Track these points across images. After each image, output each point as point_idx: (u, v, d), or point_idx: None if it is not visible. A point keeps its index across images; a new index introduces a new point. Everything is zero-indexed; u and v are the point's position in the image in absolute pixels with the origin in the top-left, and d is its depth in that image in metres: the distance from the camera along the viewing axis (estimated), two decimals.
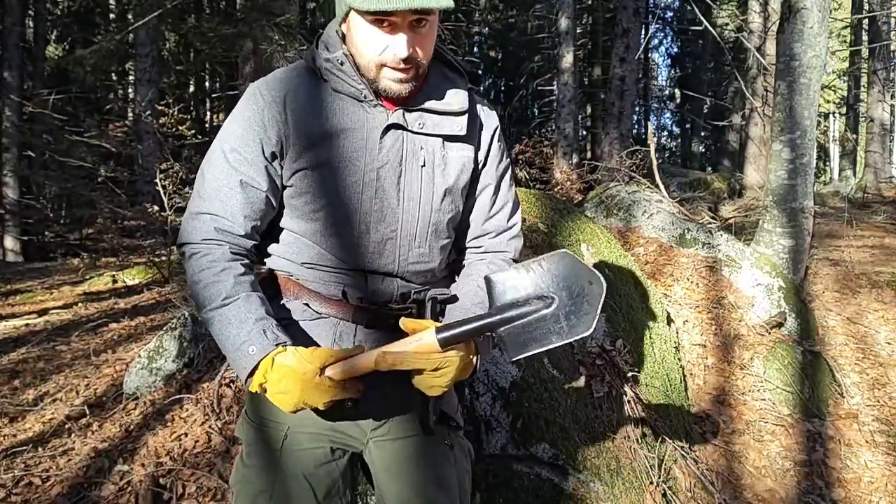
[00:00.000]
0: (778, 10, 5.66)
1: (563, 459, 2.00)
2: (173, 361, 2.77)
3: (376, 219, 1.10)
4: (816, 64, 3.58)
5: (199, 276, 1.05)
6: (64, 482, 2.06)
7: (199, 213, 1.08)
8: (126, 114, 12.08)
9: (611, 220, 4.10)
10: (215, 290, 1.03)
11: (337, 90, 1.09)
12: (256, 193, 1.08)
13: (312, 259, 1.13)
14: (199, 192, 1.10)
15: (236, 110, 1.12)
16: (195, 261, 1.06)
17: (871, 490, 2.57)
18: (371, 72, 1.05)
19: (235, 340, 1.00)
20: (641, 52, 11.39)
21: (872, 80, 11.58)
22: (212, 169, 1.10)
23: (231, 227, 1.08)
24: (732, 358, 3.16)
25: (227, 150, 1.09)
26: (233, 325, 1.01)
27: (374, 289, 1.13)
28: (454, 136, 1.15)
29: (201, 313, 1.06)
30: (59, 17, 12.84)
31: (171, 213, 5.44)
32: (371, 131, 1.08)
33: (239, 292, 1.04)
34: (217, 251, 1.06)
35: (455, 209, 1.19)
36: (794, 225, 3.69)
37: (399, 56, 1.01)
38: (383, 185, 1.10)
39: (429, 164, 1.13)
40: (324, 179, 1.08)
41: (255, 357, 0.99)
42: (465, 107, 1.14)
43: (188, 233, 1.09)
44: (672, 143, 27.13)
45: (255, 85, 1.12)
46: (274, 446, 1.13)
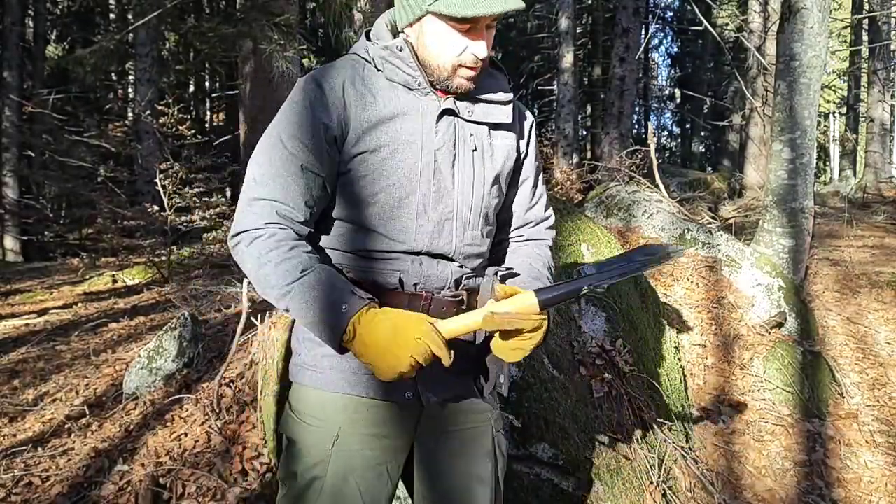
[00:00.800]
0: (778, 10, 5.66)
1: (563, 459, 2.00)
2: (173, 361, 2.77)
3: (434, 199, 1.13)
4: (816, 64, 3.58)
5: (269, 257, 1.03)
6: (64, 482, 2.06)
7: (259, 198, 1.07)
8: (126, 114, 12.08)
9: (611, 220, 4.10)
10: (290, 265, 1.02)
11: (390, 79, 1.13)
12: (316, 179, 1.09)
13: (368, 246, 1.14)
14: (255, 179, 1.09)
15: (292, 99, 1.12)
16: (260, 243, 1.04)
17: (871, 490, 2.57)
18: (445, 72, 1.10)
19: (324, 303, 1.00)
20: (641, 52, 11.39)
21: (872, 80, 11.58)
22: (269, 156, 1.09)
23: (292, 213, 1.07)
24: (732, 358, 3.16)
25: (284, 137, 1.09)
26: (317, 289, 1.01)
27: (429, 273, 1.14)
28: (500, 125, 1.21)
29: (276, 291, 1.04)
30: (59, 17, 12.84)
31: (171, 213, 5.44)
32: (426, 116, 1.12)
33: (315, 263, 1.04)
34: (281, 232, 1.06)
35: (500, 196, 1.25)
36: (794, 225, 3.69)
37: (480, 57, 1.08)
38: (440, 168, 1.13)
39: (479, 150, 1.18)
40: (383, 162, 1.10)
41: (349, 313, 0.98)
42: (510, 97, 1.21)
43: (247, 219, 1.07)
44: (672, 143, 27.13)
45: (310, 75, 1.14)
46: (325, 446, 1.12)
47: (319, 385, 1.14)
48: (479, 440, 1.22)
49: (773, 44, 7.41)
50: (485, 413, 1.24)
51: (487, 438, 1.23)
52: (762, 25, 9.96)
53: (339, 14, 6.73)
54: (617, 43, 10.51)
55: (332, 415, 1.13)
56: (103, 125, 9.55)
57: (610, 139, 10.41)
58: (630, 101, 10.58)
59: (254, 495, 2.06)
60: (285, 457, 1.17)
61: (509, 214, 1.32)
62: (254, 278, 1.07)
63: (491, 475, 1.21)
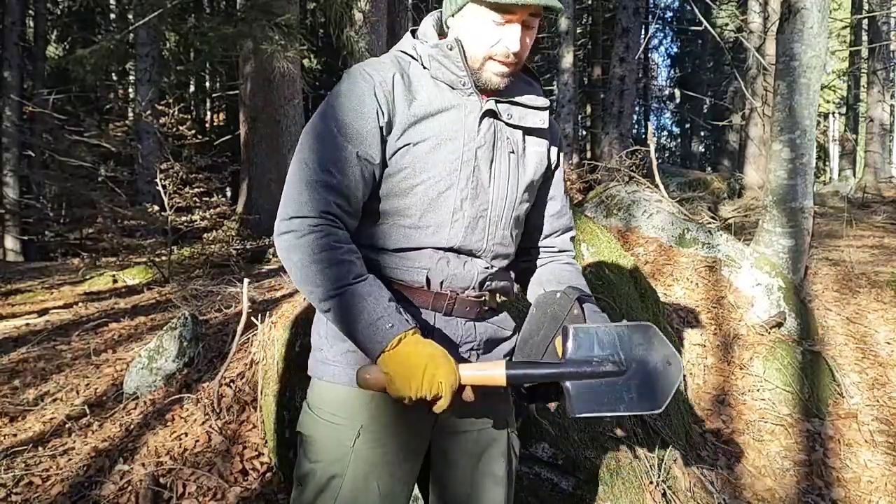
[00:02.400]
0: (778, 10, 5.66)
1: (563, 459, 2.00)
2: (173, 361, 2.77)
3: (472, 196, 1.15)
4: (816, 64, 3.58)
5: (322, 256, 1.03)
6: (64, 482, 2.06)
7: (316, 181, 1.06)
8: (126, 114, 12.08)
9: (611, 220, 4.10)
10: (343, 269, 1.03)
11: (436, 77, 1.14)
12: (369, 168, 1.10)
13: (399, 242, 1.14)
14: (306, 163, 1.07)
15: (343, 89, 1.12)
16: (314, 239, 1.03)
17: (871, 490, 2.57)
18: (476, 62, 1.12)
19: (371, 315, 1.01)
20: (641, 52, 11.39)
21: (872, 80, 11.59)
22: (322, 142, 1.09)
23: (346, 203, 1.08)
24: (732, 358, 3.16)
25: (338, 124, 1.09)
26: (367, 300, 1.02)
27: (456, 272, 1.16)
28: (536, 130, 1.24)
29: (321, 291, 1.03)
30: (59, 17, 12.84)
31: (171, 213, 5.44)
32: (469, 114, 1.14)
33: (366, 273, 1.06)
34: (339, 232, 1.06)
35: (530, 201, 1.27)
36: (793, 225, 3.69)
37: (511, 50, 1.08)
38: (479, 165, 1.15)
39: (515, 153, 1.20)
40: (425, 155, 1.12)
41: (394, 332, 1.00)
42: (546, 104, 1.24)
43: (303, 203, 1.05)
44: (672, 143, 27.14)
45: (359, 66, 1.14)
46: (345, 443, 1.11)
47: (343, 381, 1.13)
48: (495, 440, 1.23)
49: (772, 44, 7.41)
50: (500, 413, 1.25)
51: (503, 438, 1.24)
52: (762, 25, 9.97)
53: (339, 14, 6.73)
54: (617, 43, 10.52)
55: (355, 411, 1.12)
56: (103, 125, 9.54)
57: (610, 139, 10.41)
58: (630, 101, 10.58)
59: (254, 495, 2.06)
60: (301, 455, 1.16)
61: (540, 223, 1.35)
62: (297, 272, 1.05)
63: (505, 475, 1.23)
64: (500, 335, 1.25)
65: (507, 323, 1.29)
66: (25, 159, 10.25)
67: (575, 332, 1.03)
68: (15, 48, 9.72)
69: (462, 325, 1.18)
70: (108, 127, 8.93)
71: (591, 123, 16.76)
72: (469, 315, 1.19)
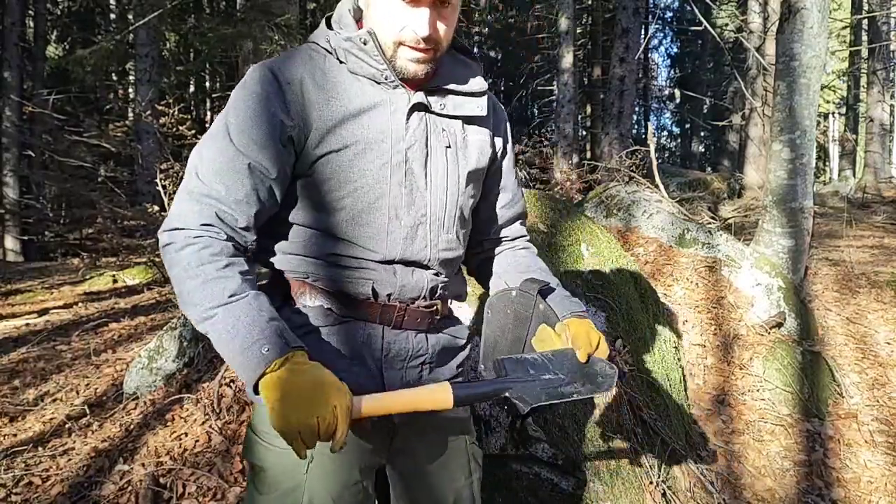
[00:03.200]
0: (778, 11, 5.66)
1: (563, 459, 2.00)
2: (173, 361, 2.77)
3: (406, 202, 1.04)
4: (816, 64, 3.58)
5: (199, 271, 0.92)
6: (64, 482, 2.06)
7: (199, 194, 0.96)
8: (126, 114, 12.07)
9: (611, 220, 4.10)
10: (220, 286, 0.92)
11: (354, 72, 1.03)
12: (264, 181, 0.98)
13: (337, 252, 1.04)
14: (196, 173, 0.97)
15: (244, 90, 1.00)
16: (193, 252, 0.93)
17: (871, 490, 2.57)
18: (389, 50, 1.00)
19: (246, 339, 0.89)
20: (641, 52, 11.40)
21: (872, 81, 11.59)
22: (214, 150, 0.98)
23: (233, 217, 0.96)
24: (732, 358, 3.17)
25: (233, 131, 0.97)
26: (241, 322, 0.90)
27: (404, 283, 1.06)
28: (475, 118, 1.13)
29: (197, 311, 0.93)
30: (59, 17, 12.84)
31: None
32: (395, 112, 1.03)
33: (247, 290, 0.94)
34: (218, 244, 0.94)
35: (476, 195, 1.17)
36: (793, 225, 3.69)
37: (419, 35, 0.97)
38: (412, 167, 1.04)
39: (453, 146, 1.10)
40: (350, 163, 1.01)
41: (269, 357, 0.87)
42: (484, 87, 1.13)
43: (183, 216, 0.95)
44: (672, 143, 27.15)
45: (264, 65, 1.02)
46: (298, 470, 1.01)
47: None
48: (455, 454, 1.18)
49: (772, 44, 7.41)
50: (458, 425, 1.20)
51: (462, 451, 1.19)
52: (762, 26, 9.97)
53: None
54: (617, 43, 10.52)
55: None
56: (103, 125, 9.56)
57: (610, 139, 10.41)
58: (630, 102, 10.58)
59: None
60: (252, 488, 1.06)
61: (490, 214, 1.25)
62: (177, 288, 0.95)
63: (468, 487, 1.18)
64: (454, 344, 1.18)
65: (460, 332, 1.21)
66: (25, 159, 10.25)
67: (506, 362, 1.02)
68: (15, 48, 9.72)
69: (413, 337, 1.09)
70: (108, 127, 8.94)
71: (591, 123, 16.75)
72: (420, 326, 1.10)
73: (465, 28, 13.13)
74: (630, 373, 2.53)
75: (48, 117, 9.71)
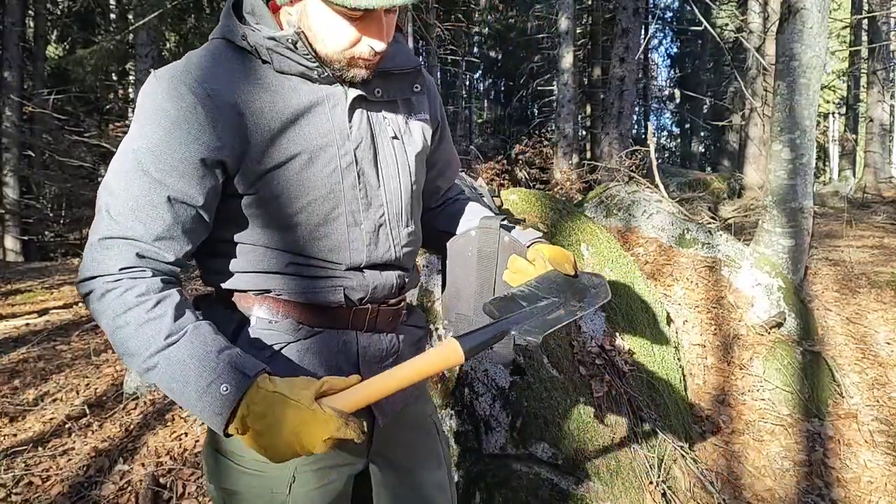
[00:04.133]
0: (778, 11, 5.66)
1: (563, 459, 2.00)
2: None
3: (364, 206, 0.98)
4: (816, 64, 3.58)
5: (126, 318, 0.81)
6: (64, 481, 2.06)
7: (113, 237, 0.84)
8: (126, 114, 12.07)
9: (610, 220, 4.10)
10: (152, 329, 0.81)
11: (282, 70, 0.92)
12: (188, 211, 0.86)
13: (300, 264, 0.96)
14: (108, 212, 0.85)
15: (152, 107, 0.86)
16: (115, 299, 0.82)
17: (871, 490, 2.57)
18: (338, 63, 0.91)
19: (198, 384, 0.79)
20: (641, 52, 11.40)
21: (872, 81, 11.59)
22: (126, 183, 0.85)
23: (157, 253, 0.85)
24: (732, 358, 3.17)
25: (146, 159, 0.84)
26: (189, 366, 0.79)
27: (376, 284, 1.01)
28: (414, 98, 1.06)
29: (135, 363, 0.82)
30: (59, 17, 12.84)
31: None
32: (334, 109, 0.94)
33: (184, 325, 0.83)
34: (143, 283, 0.83)
35: (423, 173, 1.13)
36: (793, 225, 3.69)
37: (377, 50, 0.90)
38: (363, 168, 0.97)
39: (398, 135, 1.03)
40: (297, 176, 0.92)
41: (232, 396, 0.78)
42: (417, 62, 1.05)
43: (98, 263, 0.84)
44: (672, 143, 27.15)
45: (174, 75, 0.87)
46: (280, 491, 0.95)
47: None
48: (430, 447, 1.16)
49: (772, 44, 7.42)
50: (428, 416, 1.19)
51: (435, 442, 1.18)
52: (762, 26, 9.97)
53: None
54: (617, 43, 10.52)
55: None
56: (103, 125, 9.55)
57: (609, 139, 10.41)
58: (630, 102, 10.58)
59: None
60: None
61: (435, 186, 1.21)
62: (111, 340, 0.84)
63: (447, 477, 1.17)
64: (418, 335, 1.15)
65: (420, 319, 1.18)
66: (25, 159, 10.25)
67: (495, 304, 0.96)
68: (15, 48, 9.73)
69: (385, 338, 1.05)
70: (108, 127, 8.93)
71: (591, 123, 16.75)
72: (390, 327, 1.06)
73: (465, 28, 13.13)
74: (630, 373, 2.53)
75: (48, 117, 9.71)
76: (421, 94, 1.08)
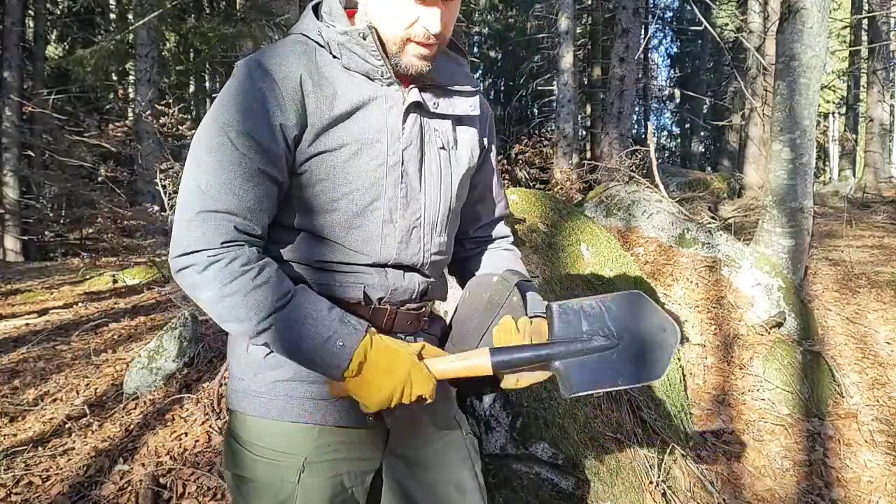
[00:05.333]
0: (778, 10, 5.66)
1: (563, 459, 2.00)
2: (173, 361, 2.77)
3: (402, 205, 1.01)
4: (816, 64, 3.58)
5: (234, 286, 0.88)
6: (64, 482, 2.06)
7: (210, 211, 0.89)
8: (126, 114, 12.07)
9: (610, 220, 4.10)
10: (263, 293, 0.88)
11: (348, 67, 0.98)
12: (271, 185, 0.94)
13: (327, 257, 1.00)
14: (199, 187, 0.90)
15: (237, 88, 0.94)
16: (221, 269, 0.88)
17: (871, 490, 2.57)
18: (394, 46, 0.96)
19: (316, 338, 0.89)
20: (641, 52, 11.39)
21: (872, 80, 11.58)
22: (216, 157, 0.91)
23: (250, 226, 0.92)
24: (732, 358, 3.16)
25: (233, 134, 0.91)
26: (305, 323, 0.89)
27: (396, 286, 1.04)
28: (464, 118, 1.10)
29: (247, 326, 0.90)
30: (59, 17, 12.84)
31: (170, 213, 5.44)
32: (390, 110, 0.99)
33: (290, 288, 0.92)
34: (244, 253, 0.90)
35: (465, 194, 1.16)
36: (793, 225, 3.69)
37: (432, 31, 0.94)
38: (407, 169, 1.01)
39: (446, 147, 1.07)
40: (345, 164, 0.97)
41: (348, 349, 0.90)
42: (477, 86, 1.11)
43: (200, 237, 0.89)
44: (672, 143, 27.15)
45: (257, 59, 0.96)
46: (289, 479, 0.99)
47: (272, 415, 0.99)
48: (452, 448, 1.15)
49: (772, 44, 7.42)
50: (451, 419, 1.18)
51: (459, 443, 1.16)
52: (762, 26, 9.96)
53: None
54: (617, 43, 10.51)
55: (297, 445, 1.00)
56: (103, 125, 9.54)
57: (609, 139, 10.40)
58: (630, 101, 10.58)
59: None
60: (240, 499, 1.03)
61: (474, 214, 1.24)
62: (214, 310, 0.91)
63: (472, 479, 1.15)
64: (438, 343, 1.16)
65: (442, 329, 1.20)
66: (25, 159, 10.26)
67: (560, 310, 0.96)
68: (15, 48, 9.73)
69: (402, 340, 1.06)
70: (108, 127, 8.93)
71: (591, 123, 16.75)
72: (409, 329, 1.08)
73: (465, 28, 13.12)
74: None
75: (48, 117, 9.71)
76: (475, 116, 1.13)
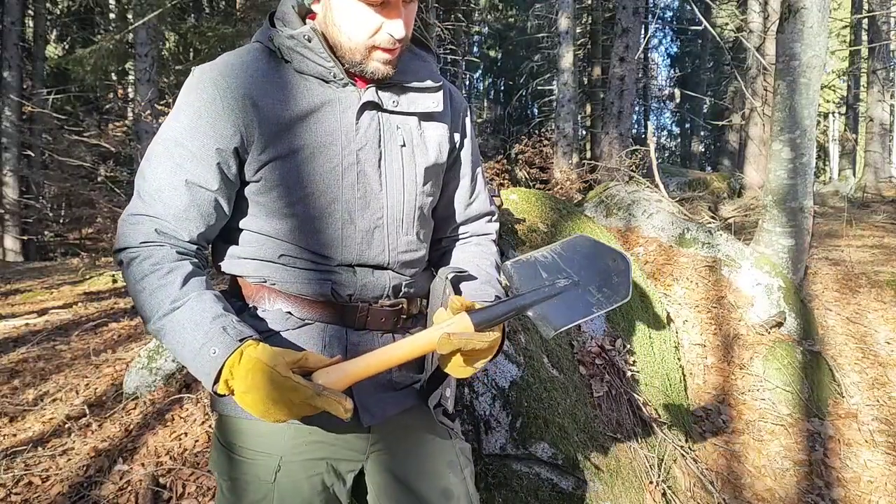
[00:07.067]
0: (778, 10, 5.66)
1: (563, 459, 2.00)
2: (173, 361, 2.77)
3: (360, 206, 1.01)
4: (816, 64, 3.58)
5: (143, 283, 0.91)
6: (64, 481, 2.06)
7: (138, 214, 0.95)
8: (126, 114, 12.07)
9: (611, 219, 4.10)
10: (162, 295, 0.90)
11: (301, 71, 0.99)
12: (204, 195, 0.96)
13: (293, 255, 1.01)
14: (139, 193, 0.97)
15: (183, 100, 0.97)
16: (135, 266, 0.92)
17: (871, 490, 2.57)
18: (358, 55, 0.97)
19: (192, 346, 0.87)
20: (641, 51, 11.39)
21: (872, 80, 11.59)
22: (153, 166, 0.96)
23: (174, 230, 0.95)
24: (732, 357, 3.16)
25: (170, 145, 0.95)
26: (186, 329, 0.88)
27: (365, 282, 1.03)
28: (431, 114, 1.09)
29: (149, 325, 0.92)
30: (59, 17, 12.84)
31: None
32: (344, 112, 0.99)
33: (188, 293, 0.91)
34: (159, 252, 0.93)
35: (435, 192, 1.14)
36: (793, 224, 3.69)
37: (396, 37, 0.94)
38: (364, 169, 1.01)
39: (408, 144, 1.06)
40: (298, 168, 0.97)
41: (219, 358, 0.85)
42: (440, 82, 1.09)
43: (125, 237, 0.95)
44: (672, 143, 27.16)
45: (204, 70, 0.98)
46: (266, 479, 1.00)
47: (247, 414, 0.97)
48: (439, 451, 1.11)
49: (772, 44, 7.41)
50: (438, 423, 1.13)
51: (447, 448, 1.12)
52: (762, 25, 9.96)
53: None
54: (617, 43, 10.51)
55: (272, 444, 1.01)
56: (103, 125, 9.54)
57: (609, 139, 10.40)
58: (630, 101, 10.58)
59: None
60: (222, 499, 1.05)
61: (449, 211, 1.21)
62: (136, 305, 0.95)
63: (461, 484, 1.11)
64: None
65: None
66: (25, 159, 10.25)
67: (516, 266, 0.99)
68: (15, 48, 9.73)
69: (379, 338, 1.05)
70: (107, 127, 8.93)
71: (591, 123, 16.75)
72: (385, 326, 1.06)
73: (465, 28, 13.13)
74: (630, 373, 2.53)
75: (48, 117, 9.72)
76: (443, 112, 1.11)
